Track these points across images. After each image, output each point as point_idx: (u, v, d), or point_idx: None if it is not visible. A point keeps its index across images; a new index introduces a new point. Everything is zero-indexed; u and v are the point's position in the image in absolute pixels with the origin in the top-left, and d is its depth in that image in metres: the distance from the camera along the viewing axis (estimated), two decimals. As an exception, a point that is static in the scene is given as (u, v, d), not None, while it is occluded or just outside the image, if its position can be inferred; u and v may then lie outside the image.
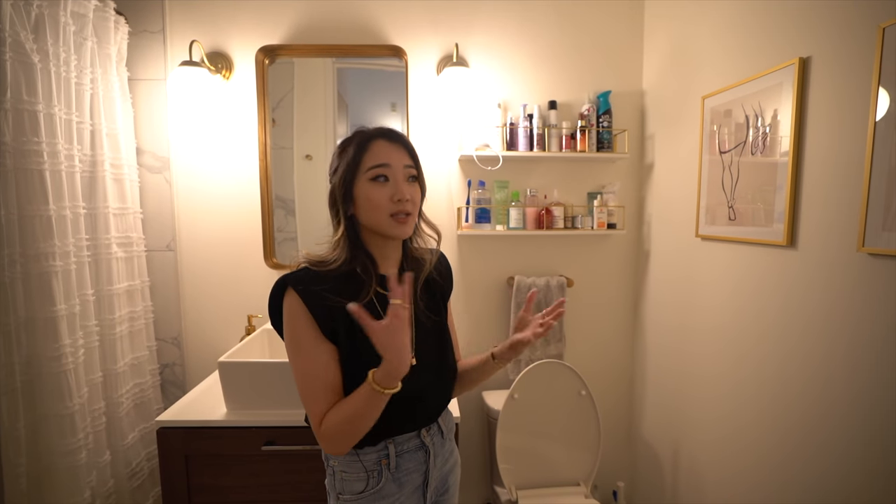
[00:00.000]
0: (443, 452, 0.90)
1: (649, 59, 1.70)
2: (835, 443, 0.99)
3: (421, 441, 0.86)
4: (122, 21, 1.50)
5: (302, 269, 0.81)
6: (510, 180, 1.70)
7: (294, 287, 0.77)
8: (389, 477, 0.82)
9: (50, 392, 1.15)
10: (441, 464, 0.89)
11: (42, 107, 1.15)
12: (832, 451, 0.99)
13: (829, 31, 0.99)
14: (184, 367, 1.72)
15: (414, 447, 0.85)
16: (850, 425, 0.95)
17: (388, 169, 0.79)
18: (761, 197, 1.17)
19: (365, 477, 0.81)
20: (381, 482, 0.82)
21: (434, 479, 0.88)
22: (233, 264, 1.69)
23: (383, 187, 0.79)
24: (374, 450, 0.82)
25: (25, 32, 1.12)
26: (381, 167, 0.79)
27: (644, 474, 1.78)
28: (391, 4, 1.65)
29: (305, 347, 0.77)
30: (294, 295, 0.77)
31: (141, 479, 1.51)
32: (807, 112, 1.04)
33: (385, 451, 0.82)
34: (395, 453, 0.83)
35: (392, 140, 0.81)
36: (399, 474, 0.83)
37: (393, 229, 0.80)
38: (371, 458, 0.81)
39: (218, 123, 1.65)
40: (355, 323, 0.76)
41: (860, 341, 0.93)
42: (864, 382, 0.92)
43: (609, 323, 1.82)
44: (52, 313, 1.15)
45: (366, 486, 0.81)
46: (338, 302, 0.76)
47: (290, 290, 0.78)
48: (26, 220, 1.12)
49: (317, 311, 0.77)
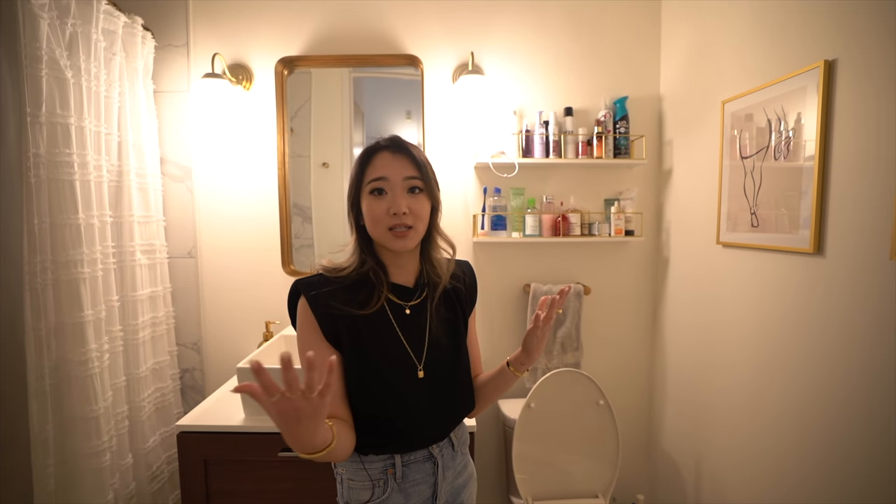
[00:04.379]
0: (454, 466, 0.87)
1: (666, 64, 1.68)
2: (860, 455, 0.95)
3: (429, 452, 0.83)
4: (148, 36, 1.55)
5: (316, 274, 0.82)
6: (526, 187, 1.69)
7: (304, 292, 0.79)
8: (395, 487, 0.81)
9: (77, 395, 1.18)
10: (452, 477, 0.86)
11: (74, 120, 1.20)
12: (860, 468, 0.95)
13: (856, 33, 0.96)
14: (203, 372, 1.75)
15: (421, 458, 0.83)
16: (877, 436, 0.91)
17: (385, 182, 0.78)
18: (785, 203, 1.14)
19: (370, 486, 0.80)
20: (387, 492, 0.80)
21: (444, 493, 0.85)
22: (251, 271, 1.72)
23: (381, 200, 0.78)
24: (379, 459, 0.80)
25: (60, 50, 1.17)
26: (379, 180, 0.78)
27: (664, 487, 1.73)
28: (407, 14, 1.67)
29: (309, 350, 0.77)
30: (302, 299, 0.79)
31: (161, 482, 1.54)
32: (833, 116, 1.01)
33: (391, 461, 0.81)
34: (402, 463, 0.81)
35: (396, 152, 0.79)
36: (405, 485, 0.81)
37: (392, 243, 0.79)
38: (376, 466, 0.80)
39: (238, 133, 1.69)
40: (360, 332, 0.78)
41: (891, 351, 0.89)
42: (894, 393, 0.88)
43: (627, 331, 1.79)
44: (79, 318, 1.18)
45: (371, 496, 0.80)
46: (343, 310, 0.77)
47: (300, 294, 0.80)
48: (57, 229, 1.16)
49: (321, 317, 0.77)
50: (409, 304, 0.83)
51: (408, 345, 0.82)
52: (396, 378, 0.79)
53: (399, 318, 0.82)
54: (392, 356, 0.80)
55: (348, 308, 0.78)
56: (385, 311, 0.81)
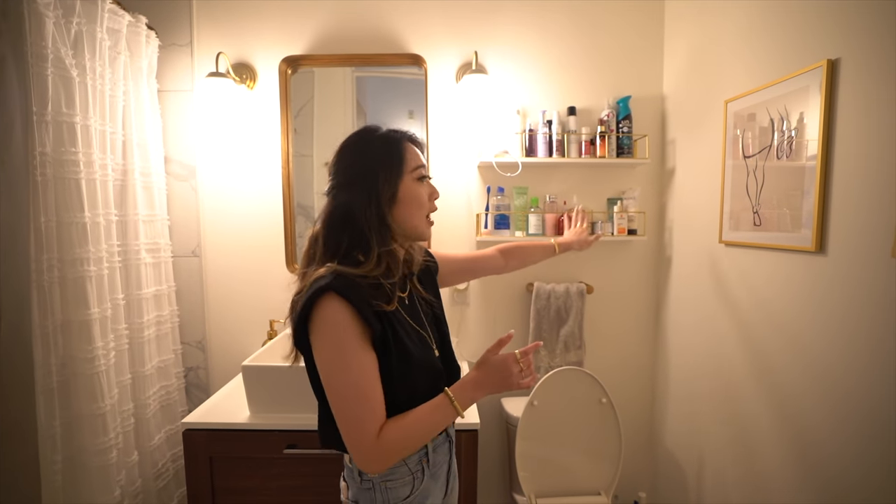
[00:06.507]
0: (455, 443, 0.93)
1: (669, 64, 1.68)
2: (860, 454, 0.95)
3: (447, 432, 0.87)
4: (152, 35, 1.56)
5: (334, 275, 0.72)
6: (529, 186, 1.70)
7: (341, 293, 0.69)
8: (429, 474, 0.83)
9: (84, 392, 1.19)
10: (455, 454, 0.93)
11: (79, 118, 1.20)
12: (864, 464, 0.96)
13: (858, 33, 0.97)
14: (207, 371, 1.75)
15: (442, 439, 0.86)
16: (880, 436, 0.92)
17: (425, 170, 0.83)
18: (788, 202, 1.14)
19: (410, 480, 0.81)
20: (424, 481, 0.82)
21: (452, 469, 0.90)
22: (255, 270, 1.73)
23: (426, 186, 0.83)
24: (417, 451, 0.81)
25: (66, 48, 1.17)
26: (423, 168, 0.82)
27: (666, 484, 1.74)
28: (411, 14, 1.67)
29: (356, 359, 0.70)
30: (340, 301, 0.69)
31: (166, 479, 1.55)
32: (836, 115, 1.02)
33: (425, 450, 0.82)
34: (432, 448, 0.83)
35: (415, 144, 0.84)
36: (434, 469, 0.84)
37: (427, 229, 0.83)
38: (414, 458, 0.81)
39: (242, 132, 1.70)
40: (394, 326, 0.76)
41: (893, 349, 0.90)
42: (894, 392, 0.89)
43: (630, 330, 1.80)
44: (86, 316, 1.19)
45: (412, 489, 0.81)
46: (383, 307, 0.73)
47: (335, 296, 0.69)
48: (63, 227, 1.17)
49: (368, 317, 0.71)
50: (405, 295, 0.85)
51: (420, 329, 0.84)
52: (429, 364, 0.81)
53: (404, 307, 0.83)
54: (419, 343, 0.81)
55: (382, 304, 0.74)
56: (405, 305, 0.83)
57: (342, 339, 0.70)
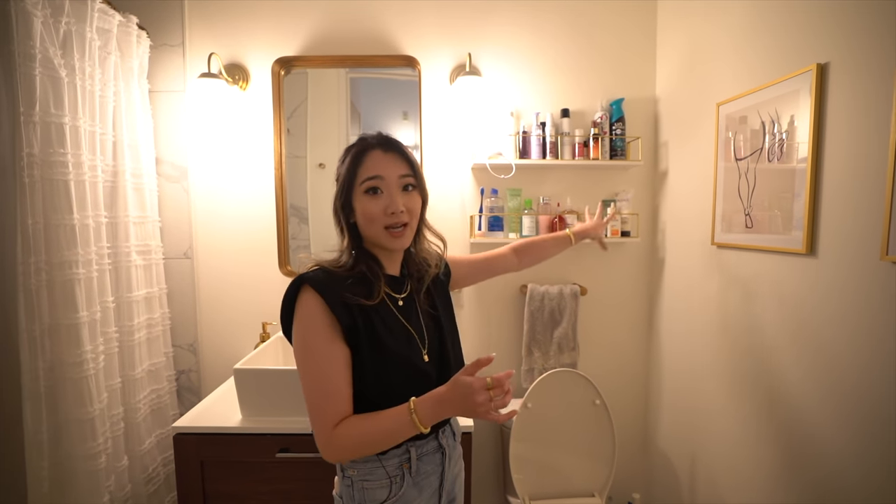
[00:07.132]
0: (454, 455, 0.90)
1: (662, 67, 1.69)
2: (855, 456, 0.96)
3: (438, 443, 0.86)
4: (143, 35, 1.54)
5: (317, 269, 0.79)
6: (523, 188, 1.70)
7: (313, 286, 0.75)
8: (410, 482, 0.82)
9: (72, 397, 1.17)
10: (453, 465, 0.89)
11: (68, 119, 1.19)
12: (853, 465, 0.97)
13: (847, 37, 0.98)
14: (199, 374, 1.74)
15: (432, 449, 0.85)
16: (872, 437, 0.93)
17: (381, 181, 0.79)
18: (779, 204, 1.15)
19: (388, 483, 0.80)
20: (403, 488, 0.81)
21: (448, 482, 0.87)
22: (248, 272, 1.72)
23: (378, 199, 0.79)
24: (397, 453, 0.81)
25: (54, 48, 1.16)
26: (375, 179, 0.78)
27: (660, 485, 1.75)
28: (405, 15, 1.67)
29: (321, 348, 0.75)
30: (312, 293, 0.75)
31: (157, 484, 1.53)
32: (825, 118, 1.03)
33: (406, 455, 0.81)
34: (416, 456, 0.82)
35: (388, 150, 0.80)
36: (419, 478, 0.83)
37: (389, 242, 0.81)
38: (393, 462, 0.80)
39: (235, 133, 1.69)
40: (373, 322, 0.77)
41: (882, 351, 0.91)
42: (886, 393, 0.90)
43: (623, 331, 1.80)
44: (74, 320, 1.17)
45: (388, 494, 0.80)
46: (357, 300, 0.76)
47: (309, 288, 0.76)
48: (51, 229, 1.15)
49: (338, 309, 0.75)
50: (401, 296, 0.85)
51: (412, 329, 0.83)
52: (410, 365, 0.80)
53: (397, 307, 0.84)
54: (403, 344, 0.81)
55: (359, 299, 0.77)
56: (385, 302, 0.82)
57: (310, 329, 0.75)
